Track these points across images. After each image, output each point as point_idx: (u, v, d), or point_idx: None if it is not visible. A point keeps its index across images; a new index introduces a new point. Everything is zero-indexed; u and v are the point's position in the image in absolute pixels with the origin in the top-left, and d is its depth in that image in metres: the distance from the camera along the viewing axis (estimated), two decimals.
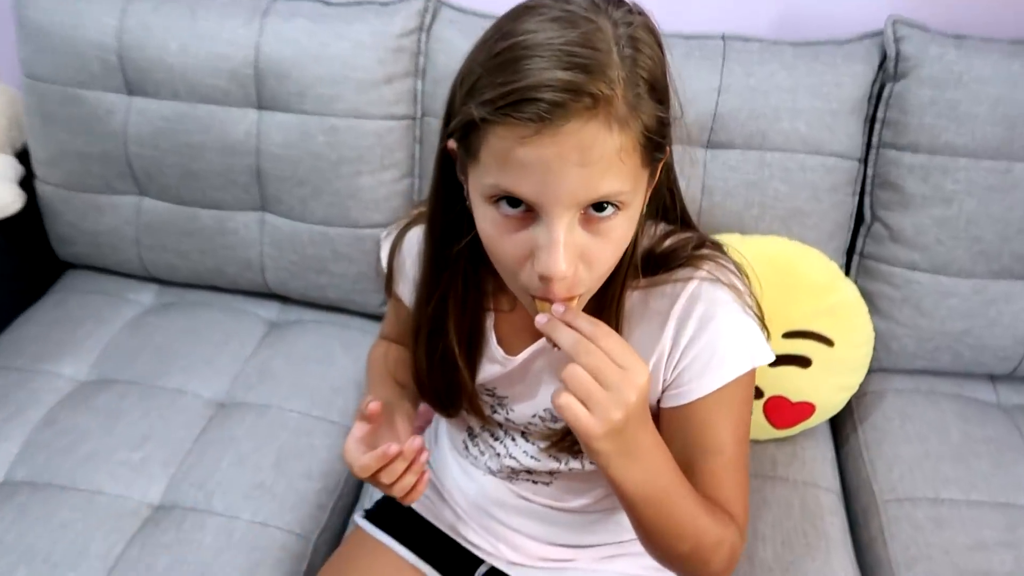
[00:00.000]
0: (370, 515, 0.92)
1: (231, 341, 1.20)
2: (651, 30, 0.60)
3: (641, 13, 0.60)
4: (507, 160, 0.56)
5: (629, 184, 0.57)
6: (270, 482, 1.00)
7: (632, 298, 0.69)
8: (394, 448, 0.66)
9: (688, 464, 0.69)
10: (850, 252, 1.15)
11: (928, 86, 1.03)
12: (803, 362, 1.01)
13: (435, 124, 1.14)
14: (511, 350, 0.76)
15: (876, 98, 1.09)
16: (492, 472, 0.84)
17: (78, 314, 1.23)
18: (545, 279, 0.58)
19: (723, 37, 1.10)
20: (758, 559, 0.92)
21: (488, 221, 0.61)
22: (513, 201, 0.58)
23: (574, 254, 0.58)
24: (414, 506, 0.90)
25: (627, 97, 0.55)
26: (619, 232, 0.59)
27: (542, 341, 0.74)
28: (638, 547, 0.82)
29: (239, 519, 0.95)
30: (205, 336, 1.20)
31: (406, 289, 0.81)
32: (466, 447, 0.86)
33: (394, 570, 0.86)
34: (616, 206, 0.58)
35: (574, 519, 0.83)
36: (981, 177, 1.03)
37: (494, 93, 0.55)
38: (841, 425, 1.13)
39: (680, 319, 0.68)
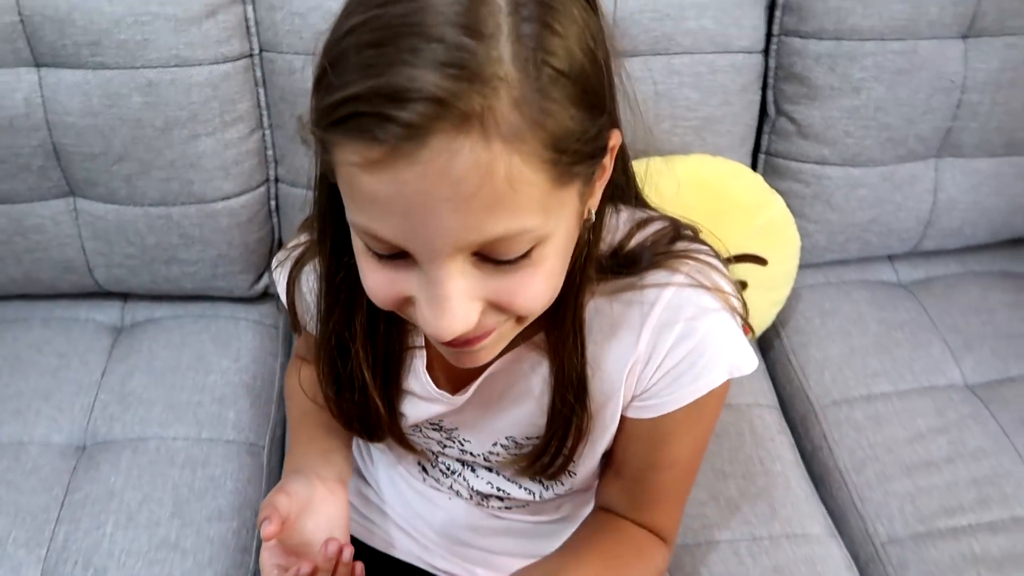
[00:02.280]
0: None
1: (69, 364, 0.97)
2: None
3: None
4: (356, 190, 0.42)
5: (536, 216, 0.42)
6: (174, 537, 0.83)
7: (597, 305, 0.57)
8: (305, 568, 0.56)
9: (637, 473, 0.65)
10: (754, 152, 1.09)
11: None
12: (741, 285, 0.96)
13: (279, 61, 0.91)
14: (453, 386, 0.63)
15: None
16: (459, 496, 0.73)
17: None
18: (435, 337, 0.45)
19: None
20: (725, 498, 0.90)
21: (359, 254, 0.47)
22: (382, 243, 0.43)
23: (474, 306, 0.45)
24: (367, 541, 0.78)
25: (523, 99, 0.39)
26: (542, 270, 0.45)
27: (496, 365, 0.60)
28: None
29: None
30: (31, 364, 0.96)
31: (311, 325, 0.65)
32: (424, 471, 0.74)
33: None
34: (527, 248, 0.43)
35: (557, 527, 0.74)
36: (889, 61, 0.98)
37: (327, 100, 0.41)
38: (763, 334, 1.11)
39: (657, 329, 0.57)
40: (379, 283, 0.47)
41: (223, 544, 0.84)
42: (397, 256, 0.44)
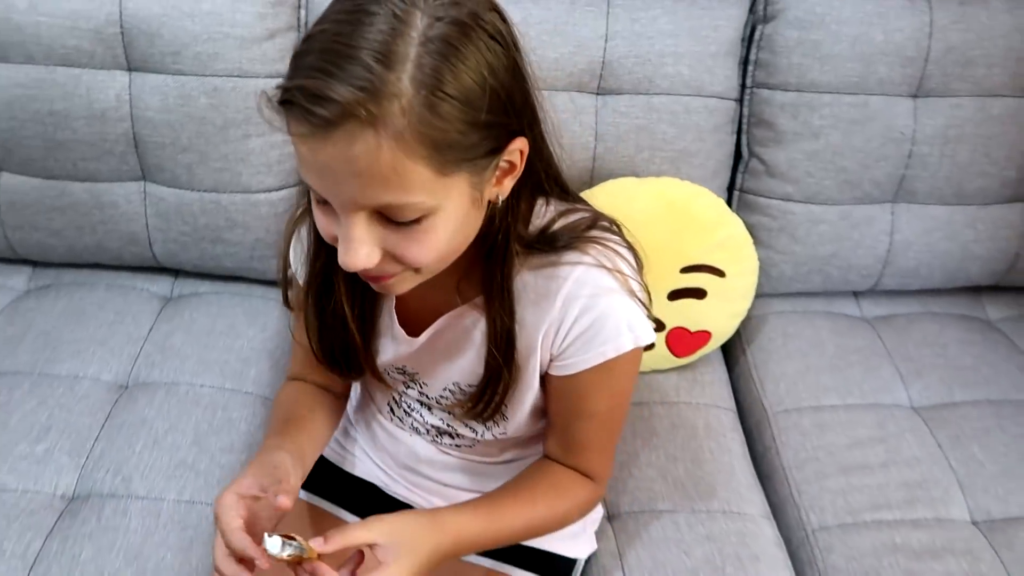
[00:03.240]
0: None
1: (123, 320, 1.14)
2: (484, 26, 0.56)
3: (479, 6, 0.57)
4: (296, 149, 0.56)
5: (418, 195, 0.55)
6: (191, 460, 0.97)
7: (524, 277, 0.70)
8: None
9: (564, 422, 0.78)
10: (730, 188, 1.23)
11: (795, 27, 1.10)
12: (699, 294, 1.09)
13: None
14: (413, 330, 0.76)
15: (748, 40, 1.15)
16: (418, 433, 0.87)
17: None
18: (345, 267, 0.59)
19: None
20: (672, 477, 1.00)
21: (313, 203, 0.62)
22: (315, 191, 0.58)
23: (374, 250, 0.58)
24: (343, 466, 0.91)
25: (409, 113, 0.52)
26: (431, 235, 0.59)
27: (444, 319, 0.74)
28: None
29: (164, 500, 0.93)
30: (94, 317, 1.13)
31: (302, 271, 0.77)
32: (391, 411, 0.88)
33: (329, 527, 0.86)
34: (417, 216, 0.57)
35: (504, 469, 0.86)
36: (843, 111, 1.13)
37: (285, 83, 0.55)
38: (731, 349, 1.23)
39: (566, 300, 0.69)
40: (321, 221, 0.62)
41: (231, 471, 0.98)
42: (327, 202, 0.59)
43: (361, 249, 0.58)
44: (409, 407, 0.85)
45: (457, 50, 0.54)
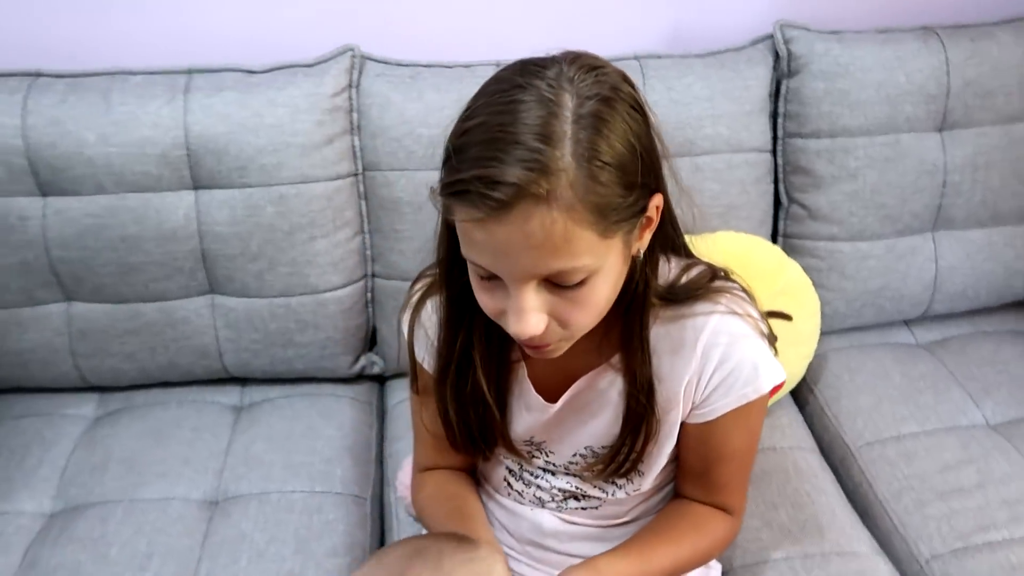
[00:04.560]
0: None
1: (201, 436, 1.14)
2: (624, 97, 0.61)
3: (616, 79, 0.62)
4: (466, 235, 0.61)
5: (587, 258, 0.60)
6: (298, 569, 0.96)
7: (658, 329, 0.74)
8: None
9: (703, 467, 0.80)
10: (773, 235, 1.27)
11: (820, 79, 1.17)
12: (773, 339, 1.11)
13: (378, 178, 1.14)
14: (548, 397, 0.79)
15: (775, 95, 1.21)
16: (541, 503, 0.87)
17: (16, 443, 1.12)
18: (516, 336, 0.64)
19: (636, 57, 1.18)
20: (777, 524, 1.01)
21: (472, 277, 0.66)
22: (484, 269, 0.62)
23: (542, 316, 0.63)
24: None
25: (576, 183, 0.57)
26: (592, 295, 0.63)
27: (581, 381, 0.78)
28: None
29: None
30: (171, 436, 1.13)
31: (429, 359, 0.81)
32: (508, 484, 0.88)
33: None
34: (582, 278, 0.61)
35: (626, 531, 0.86)
36: (877, 151, 1.18)
37: (450, 178, 0.60)
38: (799, 390, 1.25)
39: (706, 349, 0.73)
40: (484, 298, 0.66)
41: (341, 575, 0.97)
42: (494, 278, 0.63)
43: (532, 317, 0.62)
44: (532, 475, 0.86)
45: (606, 122, 0.59)
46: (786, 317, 1.12)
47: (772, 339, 0.77)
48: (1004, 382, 1.20)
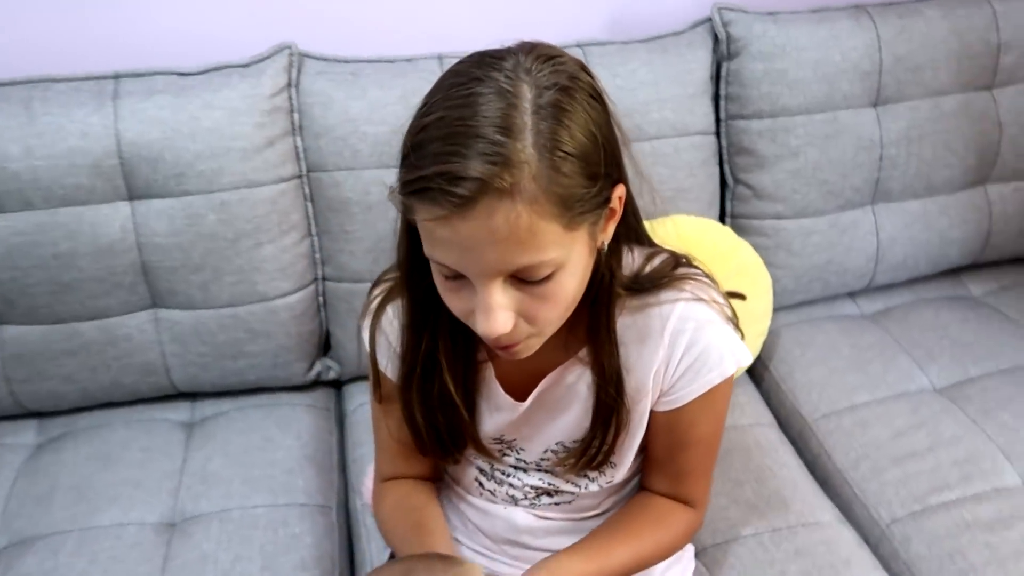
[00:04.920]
0: None
1: (153, 456, 1.09)
2: (583, 85, 0.60)
3: (574, 68, 0.61)
4: (429, 234, 0.60)
5: (553, 251, 0.59)
6: None
7: (624, 320, 0.73)
8: None
9: (669, 454, 0.80)
10: (721, 216, 1.29)
11: (759, 60, 1.18)
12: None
13: (324, 178, 1.11)
14: (517, 395, 0.78)
15: (716, 77, 1.23)
16: (514, 501, 0.86)
17: None
18: (484, 335, 0.62)
19: (579, 45, 1.18)
20: (744, 500, 1.02)
21: (437, 279, 0.65)
22: (448, 268, 0.61)
23: (510, 314, 0.62)
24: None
25: (539, 175, 0.56)
26: (560, 290, 0.62)
27: (549, 377, 0.76)
28: None
29: None
30: (120, 459, 1.08)
31: (392, 366, 0.79)
32: (480, 484, 0.87)
33: None
34: (548, 272, 0.60)
35: (598, 523, 0.86)
36: (816, 129, 1.21)
37: (409, 176, 0.58)
38: (754, 368, 1.27)
39: (673, 336, 0.73)
40: (450, 299, 0.65)
41: None
42: (460, 277, 0.62)
43: (500, 315, 0.61)
44: (504, 473, 0.85)
45: (567, 112, 0.58)
46: (740, 297, 1.13)
47: (736, 322, 0.77)
48: (946, 347, 1.24)
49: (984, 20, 1.24)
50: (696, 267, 0.78)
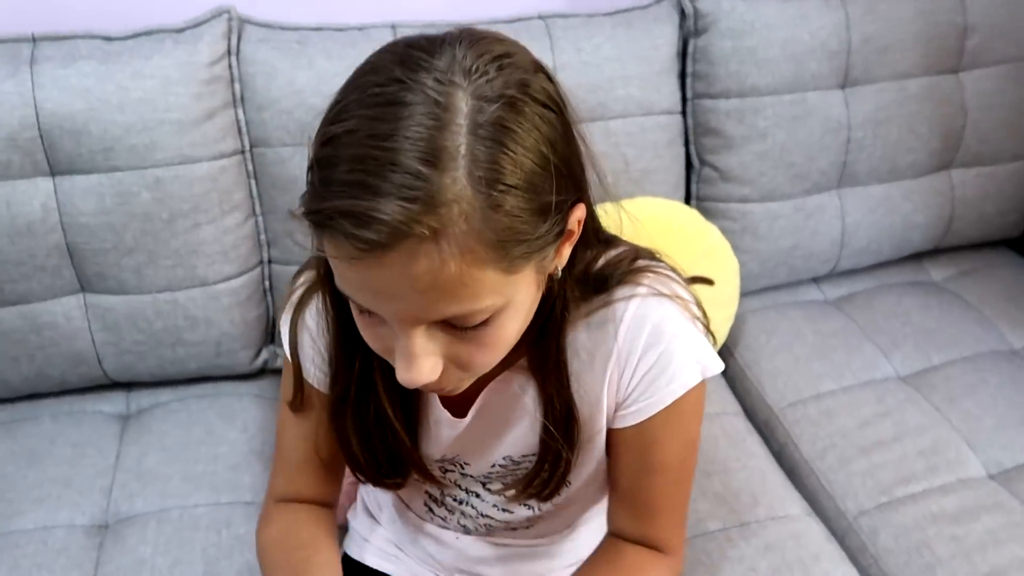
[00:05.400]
0: None
1: (83, 451, 1.01)
2: (535, 94, 0.49)
3: (526, 69, 0.50)
4: (337, 270, 0.50)
5: (487, 300, 0.49)
6: None
7: (576, 332, 0.63)
8: None
9: (634, 482, 0.69)
10: (687, 199, 1.25)
11: (728, 37, 1.14)
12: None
13: (268, 154, 1.04)
14: (456, 411, 0.69)
15: (683, 54, 1.18)
16: (467, 531, 0.80)
17: None
18: (407, 384, 0.53)
19: (541, 17, 1.12)
20: (712, 493, 0.99)
21: (352, 308, 0.54)
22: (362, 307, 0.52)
23: (437, 360, 0.52)
24: (383, 567, 0.84)
25: (471, 218, 0.46)
26: (499, 334, 0.52)
27: (488, 390, 0.67)
28: None
29: None
30: (46, 455, 1.00)
31: (319, 374, 0.68)
32: (430, 510, 0.79)
33: None
34: (484, 319, 0.51)
35: (555, 548, 0.81)
36: (784, 110, 1.17)
37: (312, 205, 0.47)
38: (719, 355, 1.23)
39: (626, 340, 0.62)
40: (368, 335, 0.55)
41: None
42: (374, 314, 0.51)
43: (425, 364, 0.51)
44: (456, 500, 0.76)
45: (512, 131, 0.47)
46: (708, 282, 1.09)
47: (705, 323, 0.67)
48: (909, 334, 1.23)
49: (951, 1, 1.22)
50: (661, 261, 0.68)
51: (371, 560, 0.84)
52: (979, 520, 0.96)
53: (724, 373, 1.22)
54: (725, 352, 1.23)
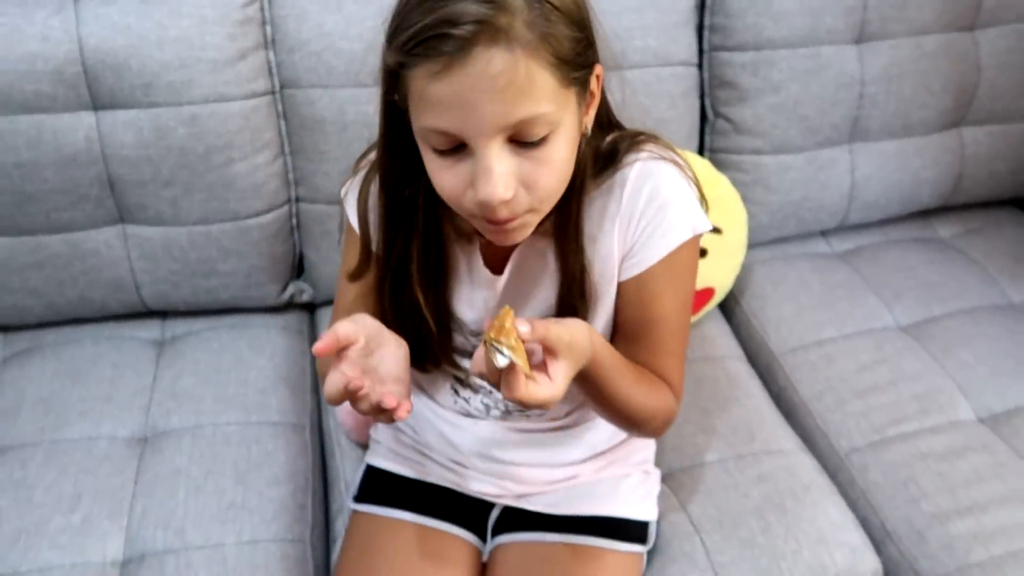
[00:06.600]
0: (362, 497, 0.90)
1: (123, 372, 1.08)
2: None
3: None
4: (426, 98, 0.60)
5: (549, 105, 0.60)
6: (240, 499, 0.94)
7: (589, 199, 0.73)
8: (357, 383, 0.60)
9: (634, 332, 0.78)
10: (699, 150, 1.28)
11: None
12: (701, 253, 1.13)
13: (298, 95, 1.08)
14: (495, 271, 0.78)
15: (701, 6, 1.20)
16: (488, 411, 0.87)
17: None
18: (485, 205, 0.62)
19: None
20: (711, 428, 1.05)
21: (428, 159, 0.65)
22: (445, 138, 0.61)
23: (511, 179, 0.62)
24: (404, 472, 0.91)
25: (532, 22, 0.58)
26: (557, 154, 0.63)
27: (520, 249, 0.76)
28: (626, 450, 0.91)
29: (225, 545, 0.90)
30: (89, 374, 1.07)
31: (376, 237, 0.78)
32: (455, 392, 0.87)
33: (415, 538, 0.86)
34: (545, 133, 0.61)
35: (569, 435, 0.88)
36: (799, 63, 1.20)
37: (403, 37, 0.59)
38: (726, 302, 1.28)
39: (630, 198, 0.74)
40: (445, 177, 0.64)
41: (283, 504, 0.95)
42: (454, 150, 0.62)
43: (502, 177, 0.61)
44: (479, 382, 0.84)
45: None
46: (716, 231, 1.15)
47: (699, 185, 0.77)
48: (912, 287, 1.26)
49: None
50: (659, 138, 0.78)
51: (395, 467, 0.91)
52: (965, 458, 1.01)
53: (729, 321, 1.27)
54: (732, 301, 1.28)
